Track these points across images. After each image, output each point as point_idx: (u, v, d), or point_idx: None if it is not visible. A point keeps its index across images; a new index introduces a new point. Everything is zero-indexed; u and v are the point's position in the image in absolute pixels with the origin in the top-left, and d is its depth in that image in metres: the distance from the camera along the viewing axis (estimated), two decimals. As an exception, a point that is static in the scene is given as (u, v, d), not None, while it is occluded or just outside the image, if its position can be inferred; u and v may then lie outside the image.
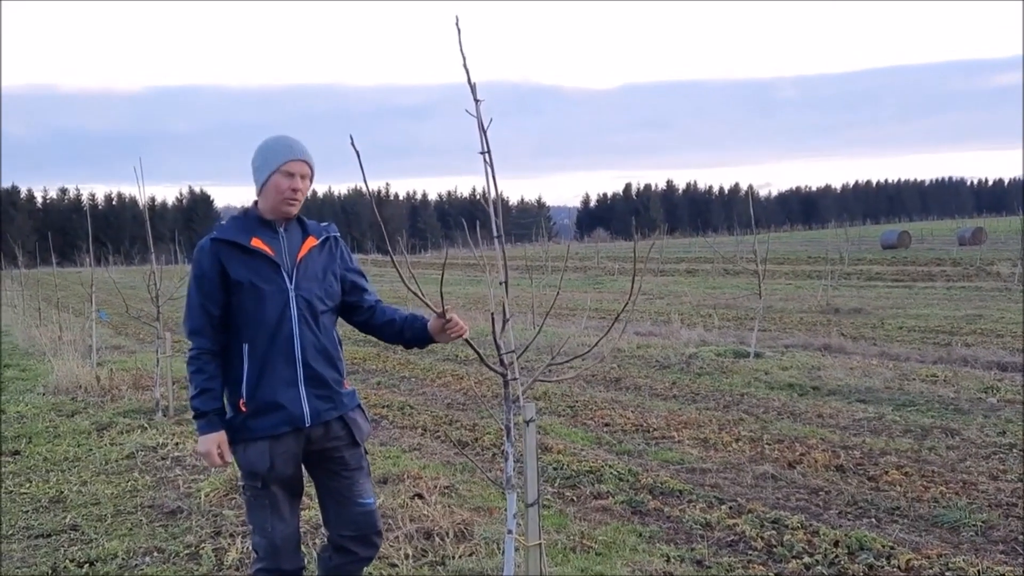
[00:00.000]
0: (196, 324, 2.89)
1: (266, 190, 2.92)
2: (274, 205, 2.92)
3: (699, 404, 8.09)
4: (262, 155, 2.93)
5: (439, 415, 7.87)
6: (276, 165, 2.89)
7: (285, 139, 2.96)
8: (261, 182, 2.93)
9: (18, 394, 9.64)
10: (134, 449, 6.66)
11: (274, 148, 2.92)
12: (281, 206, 2.92)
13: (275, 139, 2.96)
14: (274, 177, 2.90)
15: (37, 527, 4.92)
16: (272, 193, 2.91)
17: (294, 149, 2.92)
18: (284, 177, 2.89)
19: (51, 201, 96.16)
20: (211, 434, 2.85)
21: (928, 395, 7.95)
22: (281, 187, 2.90)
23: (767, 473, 5.66)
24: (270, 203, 2.93)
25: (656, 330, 14.01)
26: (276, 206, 2.92)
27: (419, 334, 3.08)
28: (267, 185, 2.92)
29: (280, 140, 2.95)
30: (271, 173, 2.90)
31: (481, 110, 2.93)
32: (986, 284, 21.99)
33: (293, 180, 2.90)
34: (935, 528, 4.58)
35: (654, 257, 34.91)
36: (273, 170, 2.90)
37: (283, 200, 2.91)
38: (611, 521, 4.77)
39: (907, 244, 43.10)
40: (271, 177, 2.90)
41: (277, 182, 2.90)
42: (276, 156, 2.90)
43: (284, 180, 2.89)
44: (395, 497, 5.04)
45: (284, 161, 2.89)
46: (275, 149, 2.92)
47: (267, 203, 2.94)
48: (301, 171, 2.92)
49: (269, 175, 2.90)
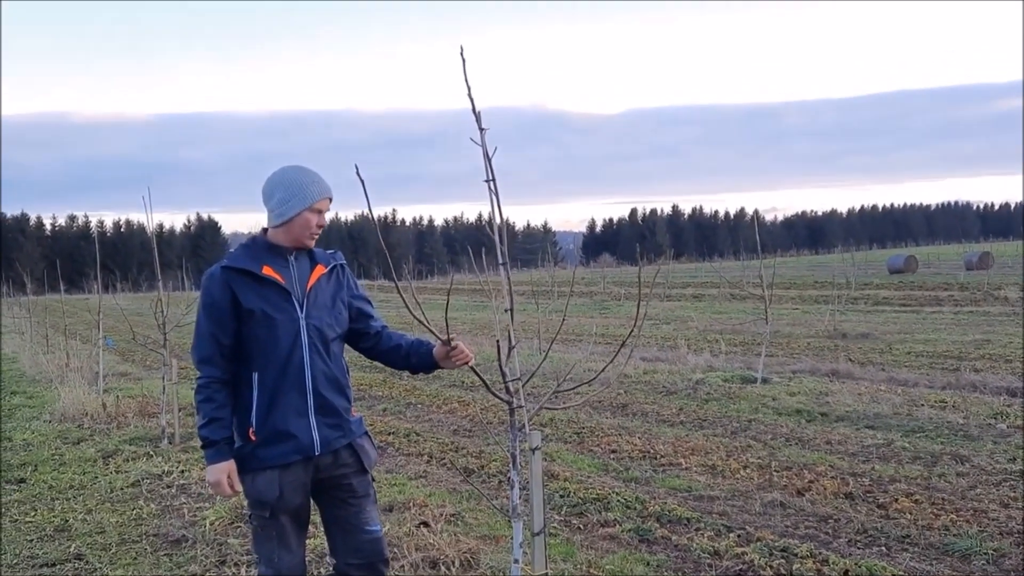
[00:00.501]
0: (205, 353, 2.89)
1: (293, 224, 2.93)
2: (297, 238, 2.95)
3: (706, 430, 8.05)
4: (289, 189, 2.92)
5: (445, 442, 7.84)
6: (310, 202, 2.91)
7: (312, 174, 2.97)
8: (288, 216, 2.92)
9: (24, 421, 9.65)
10: (139, 477, 6.65)
11: (304, 184, 2.93)
12: (304, 240, 2.95)
13: (300, 172, 2.96)
14: (305, 213, 2.92)
15: (42, 556, 4.90)
16: (300, 228, 2.93)
17: (324, 187, 2.96)
18: (314, 214, 2.93)
19: (60, 228, 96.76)
20: (221, 463, 2.84)
21: (937, 421, 7.89)
22: (311, 223, 2.93)
23: (776, 500, 5.61)
24: (293, 235, 2.95)
25: (663, 355, 13.97)
26: (299, 239, 2.95)
27: (425, 359, 3.09)
28: (296, 219, 2.92)
29: (308, 175, 2.96)
30: (303, 209, 2.91)
31: (486, 138, 2.97)
32: (994, 309, 21.88)
33: (322, 217, 2.95)
34: (946, 557, 4.53)
35: (660, 282, 34.88)
36: (306, 207, 2.91)
37: (309, 235, 2.95)
38: (618, 550, 4.74)
39: (914, 269, 42.96)
40: (302, 213, 2.91)
41: (307, 218, 2.92)
42: (309, 192, 2.91)
43: (314, 217, 2.93)
44: (401, 525, 5.02)
45: (318, 199, 2.93)
46: (306, 185, 2.92)
47: (289, 235, 2.95)
48: (327, 207, 2.97)
49: (301, 211, 2.91)
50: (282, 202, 2.93)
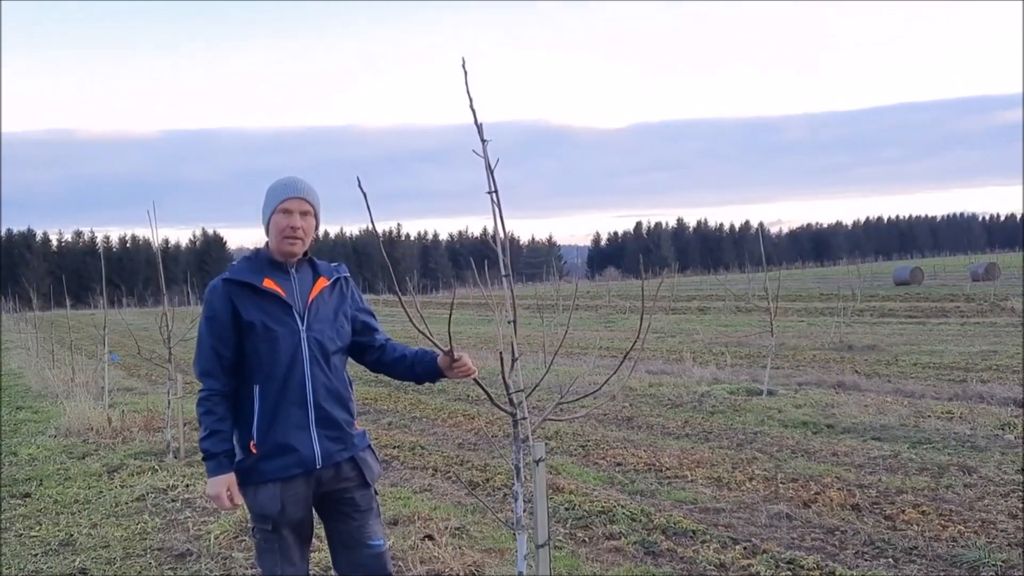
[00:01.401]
0: (207, 366, 2.89)
1: (270, 230, 2.96)
2: (277, 245, 2.95)
3: (712, 443, 8.02)
4: (266, 196, 2.98)
5: (450, 455, 7.82)
6: (275, 205, 2.93)
7: (287, 179, 2.99)
8: (265, 223, 2.97)
9: (30, 436, 9.66)
10: (144, 491, 6.64)
11: (275, 188, 2.97)
12: (282, 245, 2.94)
13: (278, 180, 3.00)
14: (274, 216, 2.93)
15: (46, 570, 4.90)
16: (274, 232, 2.94)
17: (290, 187, 2.94)
18: (283, 216, 2.92)
19: (66, 244, 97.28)
20: (221, 476, 2.84)
21: (944, 432, 7.85)
22: (280, 225, 2.92)
23: (782, 512, 5.58)
24: (274, 243, 2.96)
25: (668, 368, 13.94)
26: (278, 245, 2.95)
27: (429, 368, 3.09)
28: (269, 225, 2.95)
29: (281, 180, 2.98)
30: (272, 213, 2.94)
31: (489, 150, 2.98)
32: (1000, 320, 21.80)
33: (291, 218, 2.91)
34: (954, 568, 4.50)
35: (665, 295, 34.84)
36: (273, 209, 2.93)
37: (283, 239, 2.92)
38: (624, 562, 4.71)
39: (920, 280, 42.87)
40: (272, 217, 2.94)
41: (276, 221, 2.93)
42: (276, 195, 2.94)
43: (283, 219, 2.91)
44: (405, 539, 5.00)
45: (282, 200, 2.92)
46: (275, 189, 2.96)
47: (273, 243, 2.97)
48: (300, 208, 2.93)
49: (270, 215, 2.94)
50: (262, 211, 2.98)
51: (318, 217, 3.03)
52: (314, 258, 3.07)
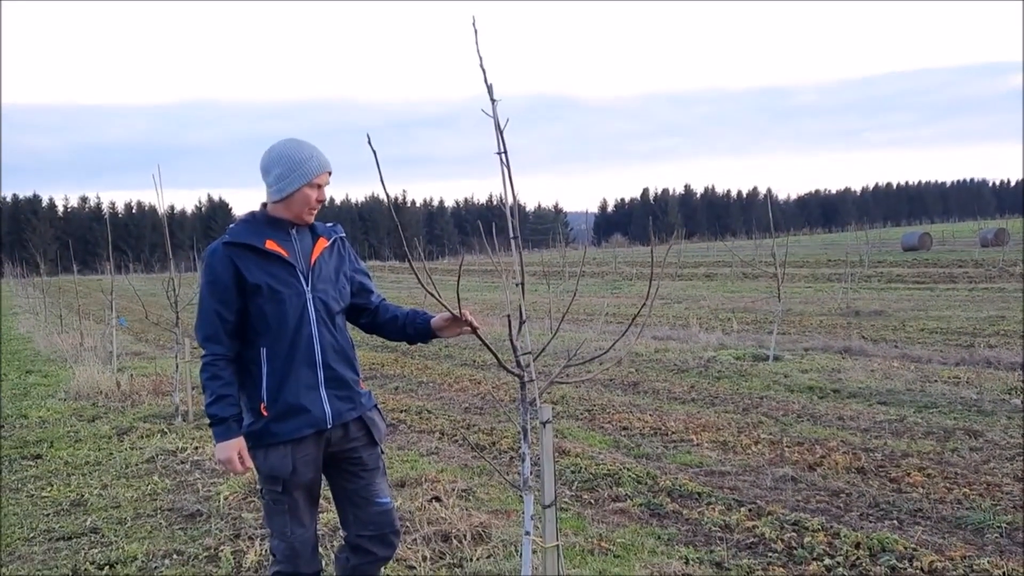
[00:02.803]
0: (210, 330, 2.86)
1: (293, 199, 2.90)
2: (298, 213, 2.92)
3: (718, 407, 8.04)
4: (287, 164, 2.88)
5: (456, 419, 7.86)
6: (309, 178, 2.88)
7: (310, 148, 2.93)
8: (287, 192, 2.89)
9: (40, 399, 9.75)
10: (154, 453, 6.70)
11: (303, 159, 2.89)
12: (305, 215, 2.93)
13: (297, 146, 2.92)
14: (304, 189, 2.88)
15: (58, 530, 4.96)
16: (300, 203, 2.90)
17: (323, 161, 2.92)
18: (313, 189, 2.90)
19: (72, 210, 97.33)
20: (230, 441, 2.82)
21: (950, 397, 7.85)
22: (310, 199, 2.90)
23: (787, 475, 5.60)
24: (294, 211, 2.92)
25: (674, 334, 13.94)
26: (299, 215, 2.92)
27: (421, 329, 3.10)
28: (295, 195, 2.89)
29: (306, 149, 2.91)
30: (302, 185, 2.88)
31: (498, 112, 2.94)
32: (1009, 285, 21.70)
33: (321, 192, 2.92)
34: (959, 530, 4.52)
35: (672, 261, 34.76)
36: (305, 182, 2.88)
37: (309, 211, 2.92)
38: (629, 524, 4.75)
39: (928, 246, 42.64)
40: (301, 188, 2.88)
41: (306, 194, 2.89)
42: (307, 168, 2.88)
43: (313, 192, 2.90)
44: (413, 500, 5.04)
45: (318, 174, 2.90)
46: (304, 160, 2.89)
47: (290, 211, 2.92)
48: (327, 181, 2.95)
49: (300, 186, 2.88)
50: (280, 178, 2.90)
51: None
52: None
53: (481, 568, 3.95)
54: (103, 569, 4.26)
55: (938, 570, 3.87)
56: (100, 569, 4.26)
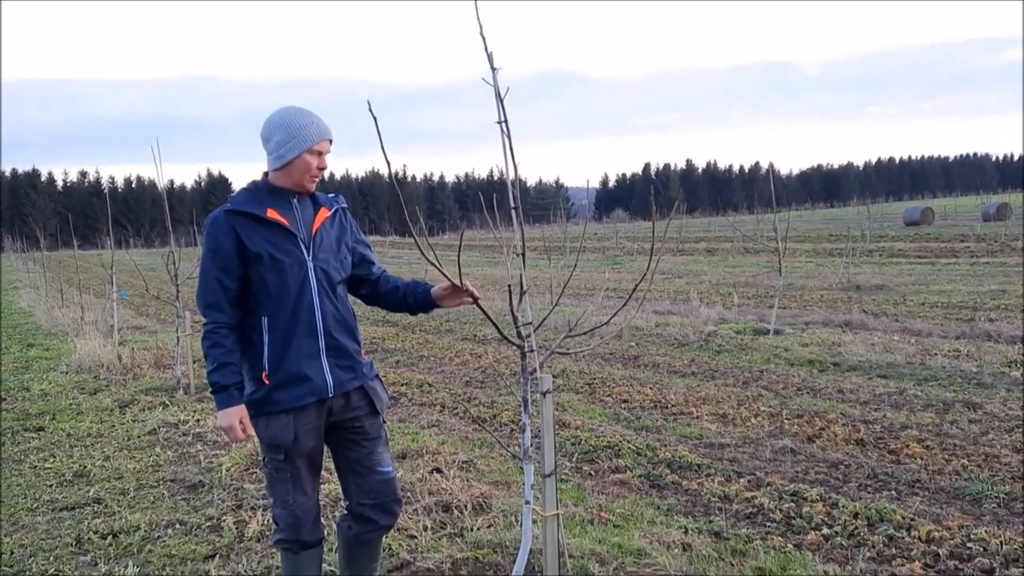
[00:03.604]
0: (212, 298, 2.85)
1: (293, 166, 2.88)
2: (299, 181, 2.90)
3: (718, 380, 8.06)
4: (287, 131, 2.87)
5: (457, 393, 7.89)
6: (309, 144, 2.86)
7: (310, 115, 2.91)
8: (288, 158, 2.87)
9: (41, 372, 9.78)
10: (156, 425, 6.73)
11: (303, 125, 2.87)
12: (307, 182, 2.91)
13: (298, 113, 2.90)
14: (304, 156, 2.86)
15: (61, 500, 4.99)
16: (300, 170, 2.88)
17: (324, 129, 2.90)
18: (314, 156, 2.87)
19: (71, 184, 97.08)
20: (232, 408, 2.82)
21: (950, 370, 7.87)
22: (311, 166, 2.88)
23: (786, 447, 5.63)
24: (295, 179, 2.90)
25: (675, 308, 13.95)
26: (300, 182, 2.90)
27: (422, 299, 3.10)
28: (295, 162, 2.87)
29: (305, 116, 2.90)
30: (302, 151, 2.86)
31: (499, 82, 2.91)
32: (1010, 260, 21.67)
33: (322, 159, 2.90)
34: (956, 500, 4.54)
35: (673, 236, 34.70)
36: (305, 149, 2.86)
37: (311, 178, 2.90)
38: (629, 494, 4.77)
39: (930, 221, 42.55)
40: (301, 155, 2.86)
41: (307, 161, 2.87)
42: (307, 134, 2.86)
43: (314, 159, 2.87)
44: (414, 472, 5.07)
45: (318, 140, 2.87)
46: (304, 126, 2.87)
47: (291, 179, 2.90)
48: (327, 149, 2.92)
49: (300, 153, 2.86)
50: (280, 144, 2.88)
51: None
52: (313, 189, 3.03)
53: (481, 537, 3.97)
54: (106, 538, 4.29)
55: (935, 539, 3.89)
56: (103, 538, 4.29)
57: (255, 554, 3.99)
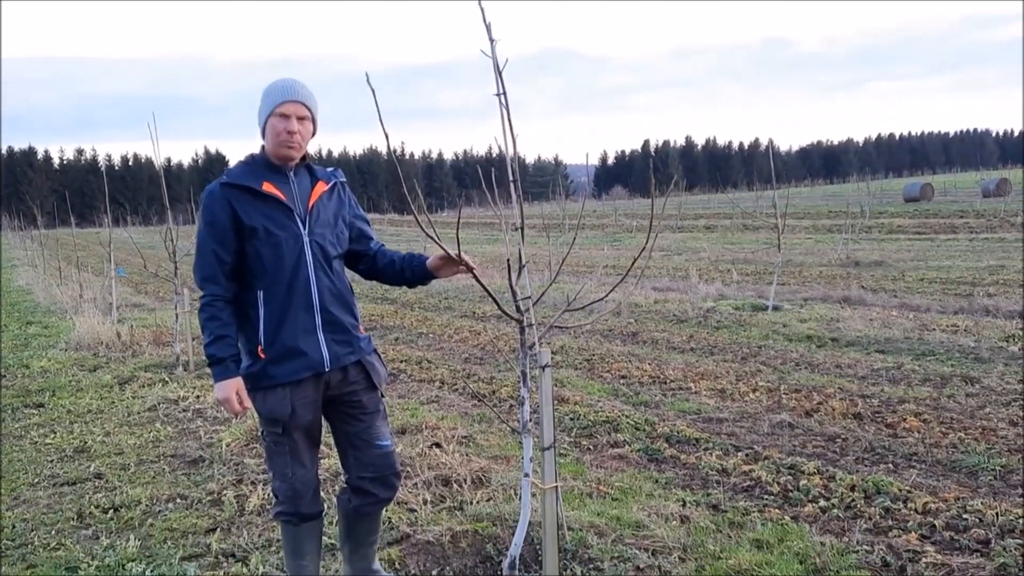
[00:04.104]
0: (208, 271, 2.85)
1: (266, 134, 2.88)
2: (273, 149, 2.87)
3: (716, 356, 8.07)
4: (262, 98, 2.88)
5: (456, 369, 7.90)
6: (272, 107, 2.84)
7: (284, 81, 2.88)
8: (261, 126, 2.89)
9: (41, 350, 9.79)
10: (156, 402, 6.75)
11: (272, 90, 2.86)
12: (279, 149, 2.86)
13: (275, 82, 2.89)
14: (271, 120, 2.84)
15: (62, 475, 5.01)
16: (270, 136, 2.86)
17: (288, 91, 2.85)
18: (279, 119, 2.83)
19: (68, 162, 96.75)
20: (228, 380, 2.82)
21: (948, 344, 7.89)
22: (277, 129, 2.83)
23: (784, 422, 5.65)
24: (271, 147, 2.88)
25: (674, 285, 13.95)
26: (275, 149, 2.87)
27: (419, 272, 3.10)
28: (266, 128, 2.87)
29: (278, 82, 2.88)
30: (268, 116, 2.85)
31: (498, 55, 2.89)
32: (1009, 235, 21.66)
33: (289, 122, 2.83)
34: (953, 473, 4.57)
35: (672, 213, 34.63)
36: (270, 112, 2.84)
37: (279, 142, 2.84)
38: (627, 468, 4.80)
39: (930, 197, 42.48)
40: (268, 120, 2.85)
41: (273, 124, 2.84)
42: (273, 98, 2.84)
43: (280, 122, 2.83)
44: (414, 446, 5.09)
45: (278, 103, 2.83)
46: (272, 91, 2.86)
47: (269, 147, 2.89)
48: (298, 112, 2.84)
49: (267, 118, 2.85)
50: (258, 114, 2.89)
51: (316, 122, 2.94)
52: (310, 163, 3.01)
53: (481, 511, 4.00)
54: (108, 512, 4.31)
55: (932, 511, 3.92)
56: (105, 512, 4.32)
57: (256, 527, 4.01)
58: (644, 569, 3.38)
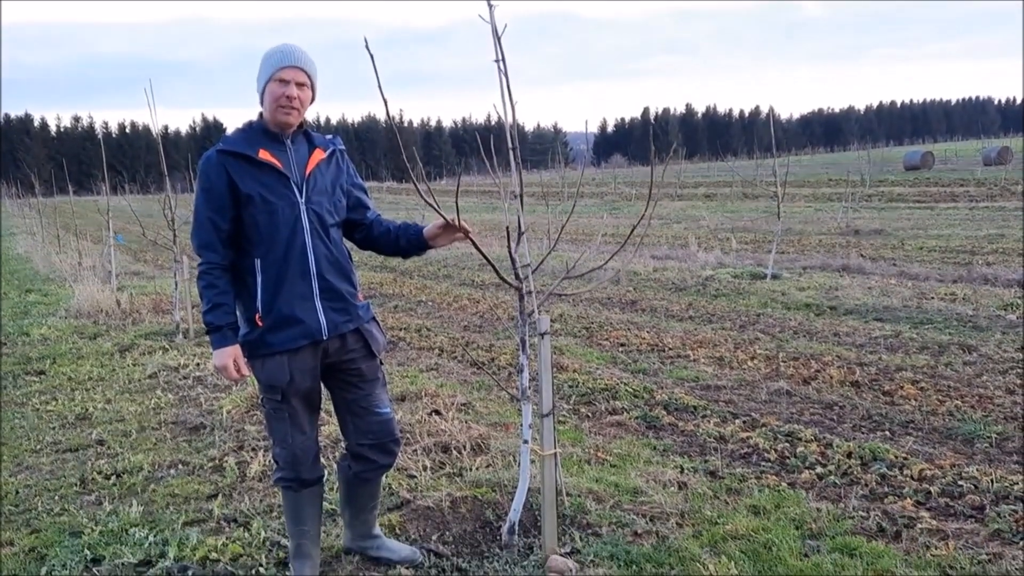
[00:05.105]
0: (205, 238, 2.84)
1: (264, 100, 2.87)
2: (271, 115, 2.86)
3: (715, 324, 8.09)
4: (261, 64, 2.87)
5: (456, 337, 7.92)
6: (271, 73, 2.83)
7: (283, 46, 2.87)
8: (260, 92, 2.88)
9: (40, 317, 9.80)
10: (156, 369, 6.77)
11: (270, 56, 2.85)
12: (277, 114, 2.84)
13: (273, 48, 2.88)
14: (269, 85, 2.83)
15: (65, 442, 5.04)
16: (269, 101, 2.85)
17: (287, 56, 2.83)
18: (278, 85, 2.82)
19: (65, 130, 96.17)
20: (226, 348, 2.83)
21: (946, 313, 7.90)
22: (275, 94, 2.82)
23: (782, 389, 5.68)
24: (269, 113, 2.87)
25: (673, 254, 13.95)
26: (273, 115, 2.85)
27: (414, 241, 3.10)
28: (265, 95, 2.86)
29: (277, 48, 2.87)
30: (266, 82, 2.84)
31: (496, 20, 2.86)
32: (1009, 204, 21.61)
33: (287, 87, 2.82)
34: (949, 440, 4.60)
35: (671, 181, 34.48)
36: (269, 78, 2.83)
37: (278, 108, 2.83)
38: (626, 435, 4.83)
39: (930, 165, 42.28)
40: (267, 85, 2.84)
41: (271, 90, 2.83)
42: (271, 64, 2.83)
43: (278, 88, 2.82)
44: (413, 414, 5.11)
45: (277, 68, 2.82)
46: (271, 57, 2.85)
47: (267, 113, 2.88)
48: (296, 78, 2.83)
49: (265, 84, 2.84)
50: (257, 80, 2.88)
51: (315, 89, 2.92)
52: (309, 130, 2.99)
53: (480, 477, 4.03)
54: (110, 478, 4.35)
55: (927, 477, 3.95)
56: (107, 478, 4.35)
57: (257, 493, 4.05)
58: (642, 534, 3.42)
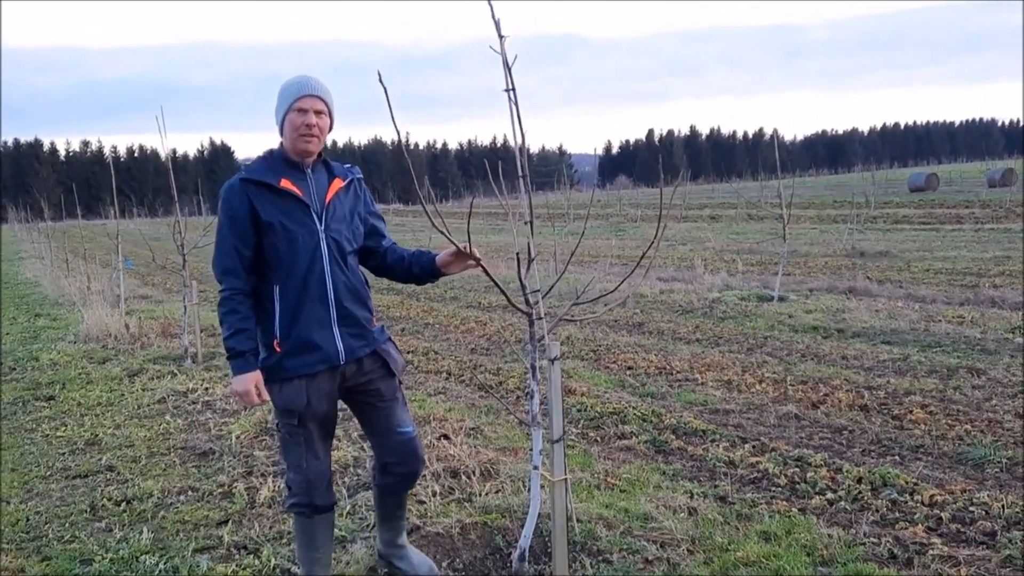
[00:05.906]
0: (228, 264, 2.90)
1: (284, 129, 2.94)
2: (292, 143, 2.93)
3: (722, 347, 8.09)
4: (279, 95, 2.94)
5: (463, 360, 7.93)
6: (290, 103, 2.89)
7: (300, 77, 2.95)
8: (279, 122, 2.94)
9: (50, 342, 9.84)
10: (165, 394, 6.79)
11: (289, 87, 2.92)
12: (297, 143, 2.91)
13: (291, 78, 2.95)
14: (289, 115, 2.90)
15: (74, 468, 5.06)
16: (288, 131, 2.91)
17: (304, 86, 2.90)
18: (297, 114, 2.89)
19: (74, 154, 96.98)
20: (248, 374, 2.87)
21: (954, 336, 7.89)
22: (295, 124, 2.89)
23: (790, 413, 5.67)
24: (289, 142, 2.94)
25: (679, 276, 13.96)
26: (294, 144, 2.92)
27: (427, 268, 3.15)
28: (284, 124, 2.93)
29: (295, 78, 2.94)
30: (286, 112, 2.91)
31: (506, 49, 2.90)
32: (1015, 226, 21.58)
33: (307, 116, 2.89)
34: (959, 465, 4.59)
35: (676, 203, 34.55)
36: (288, 108, 2.90)
37: (298, 136, 2.90)
38: (635, 460, 4.83)
39: (935, 187, 42.30)
40: (287, 115, 2.91)
41: (291, 119, 2.90)
42: (290, 94, 2.90)
43: (297, 117, 2.89)
44: (422, 438, 5.10)
45: (297, 97, 2.89)
46: (289, 87, 2.92)
47: (287, 142, 2.95)
48: (315, 107, 2.90)
49: (285, 114, 2.91)
50: (276, 111, 2.95)
51: (332, 116, 3.00)
52: (328, 159, 3.05)
53: (490, 503, 4.03)
54: (120, 505, 4.36)
55: (938, 503, 3.94)
56: (117, 505, 4.36)
57: (267, 519, 4.05)
58: (653, 561, 3.41)
